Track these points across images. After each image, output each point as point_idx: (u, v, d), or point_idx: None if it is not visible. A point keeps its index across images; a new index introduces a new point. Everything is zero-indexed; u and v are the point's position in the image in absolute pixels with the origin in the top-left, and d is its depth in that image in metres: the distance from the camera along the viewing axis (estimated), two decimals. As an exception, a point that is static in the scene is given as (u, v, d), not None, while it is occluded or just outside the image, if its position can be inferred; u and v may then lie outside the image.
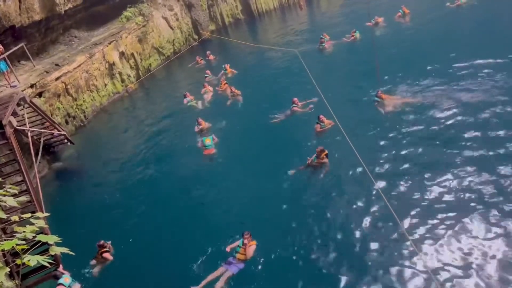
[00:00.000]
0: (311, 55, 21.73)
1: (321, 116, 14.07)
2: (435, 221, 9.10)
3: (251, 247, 9.49)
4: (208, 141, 15.04)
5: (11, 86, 16.34)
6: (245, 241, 9.52)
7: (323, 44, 22.38)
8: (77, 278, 10.34)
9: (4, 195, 3.80)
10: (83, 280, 10.44)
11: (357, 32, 22.22)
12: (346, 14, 29.23)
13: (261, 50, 25.48)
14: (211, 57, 26.44)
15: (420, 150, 11.71)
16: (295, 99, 16.06)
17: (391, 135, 12.86)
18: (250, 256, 9.44)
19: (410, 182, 10.61)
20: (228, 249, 9.80)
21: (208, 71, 23.14)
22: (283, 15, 34.22)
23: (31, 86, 17.38)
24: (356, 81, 17.18)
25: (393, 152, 11.96)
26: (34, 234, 3.47)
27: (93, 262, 10.83)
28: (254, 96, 18.87)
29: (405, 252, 8.64)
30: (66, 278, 10.19)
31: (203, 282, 9.09)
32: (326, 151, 12.08)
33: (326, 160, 12.04)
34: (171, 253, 10.60)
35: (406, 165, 11.26)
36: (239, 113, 17.85)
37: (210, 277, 9.16)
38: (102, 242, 10.81)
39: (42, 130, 16.32)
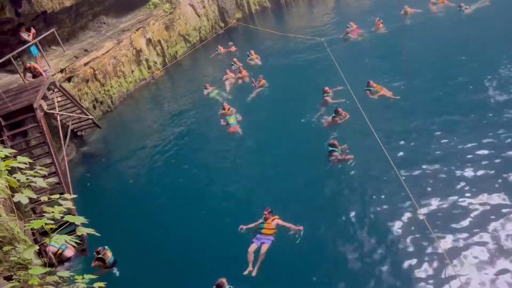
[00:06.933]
0: (337, 44, 21.43)
1: (339, 109, 13.90)
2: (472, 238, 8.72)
3: (275, 221, 9.70)
4: (232, 119, 15.52)
5: (42, 71, 16.74)
6: (267, 217, 9.77)
7: (349, 34, 21.96)
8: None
9: (34, 176, 3.92)
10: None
11: (381, 21, 21.72)
12: (375, 3, 28.51)
13: (287, 38, 25.14)
14: (233, 48, 25.79)
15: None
16: (326, 88, 15.53)
17: (415, 125, 12.69)
18: (279, 227, 9.61)
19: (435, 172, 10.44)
20: (242, 227, 10.07)
21: (235, 59, 22.70)
22: (310, 4, 33.67)
23: (61, 71, 17.78)
24: (382, 71, 16.83)
25: (418, 146, 11.83)
26: (62, 215, 3.56)
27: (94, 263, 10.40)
28: (279, 84, 18.75)
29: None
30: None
31: (250, 262, 9.27)
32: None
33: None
34: (198, 233, 10.86)
35: (433, 156, 11.18)
36: (264, 101, 17.81)
37: (250, 257, 9.31)
38: (99, 248, 10.24)
39: (71, 114, 16.73)
